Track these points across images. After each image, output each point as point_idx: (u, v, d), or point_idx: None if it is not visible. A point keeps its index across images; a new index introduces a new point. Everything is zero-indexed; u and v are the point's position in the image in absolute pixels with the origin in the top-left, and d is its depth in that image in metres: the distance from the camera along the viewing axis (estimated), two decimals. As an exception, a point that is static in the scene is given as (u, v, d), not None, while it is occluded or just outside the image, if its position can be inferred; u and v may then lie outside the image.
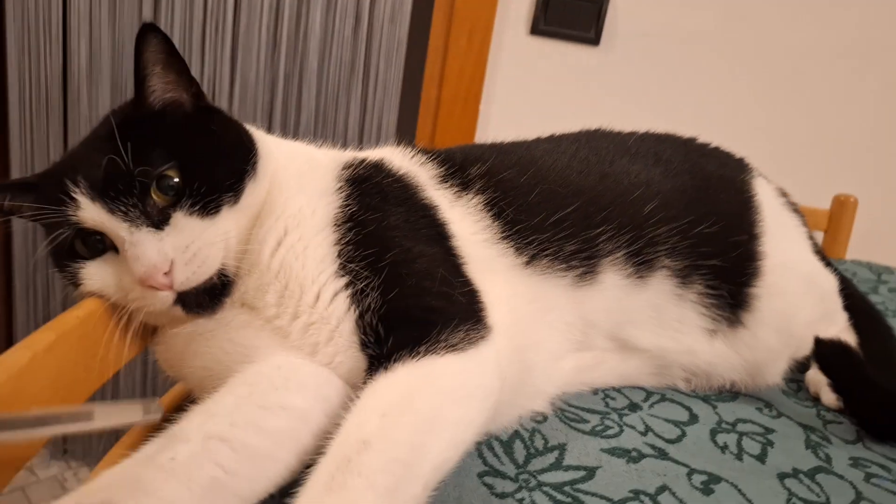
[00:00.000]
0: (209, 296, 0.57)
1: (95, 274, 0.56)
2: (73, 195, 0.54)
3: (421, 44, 1.99)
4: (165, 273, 0.53)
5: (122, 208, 0.53)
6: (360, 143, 2.01)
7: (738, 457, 0.64)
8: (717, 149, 0.93)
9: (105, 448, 2.05)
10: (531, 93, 1.93)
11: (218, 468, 0.45)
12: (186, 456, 0.44)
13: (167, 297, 0.55)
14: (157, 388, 1.94)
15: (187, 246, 0.54)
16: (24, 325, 1.91)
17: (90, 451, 2.06)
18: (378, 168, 0.69)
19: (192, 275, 0.54)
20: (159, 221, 0.54)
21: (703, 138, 0.93)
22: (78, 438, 2.04)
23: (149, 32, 0.56)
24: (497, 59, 1.92)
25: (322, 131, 1.96)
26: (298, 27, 1.83)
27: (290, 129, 1.93)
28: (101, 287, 0.56)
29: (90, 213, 0.54)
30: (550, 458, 0.60)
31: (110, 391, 1.96)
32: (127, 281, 0.55)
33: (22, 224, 1.85)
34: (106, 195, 0.53)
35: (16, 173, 1.82)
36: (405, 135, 2.13)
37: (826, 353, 0.73)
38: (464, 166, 0.73)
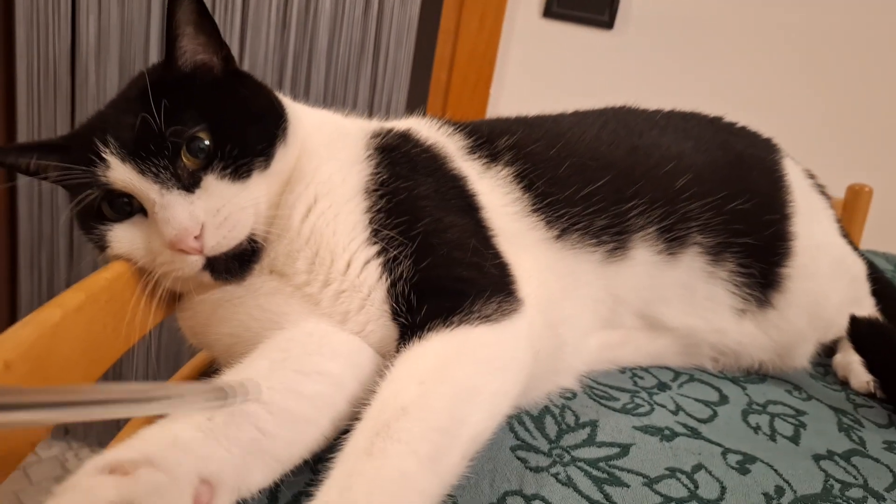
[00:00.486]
0: (238, 261, 0.55)
1: (123, 237, 0.55)
2: (104, 155, 0.52)
3: (432, 25, 1.97)
4: (196, 237, 0.52)
5: (154, 169, 0.52)
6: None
7: (772, 437, 0.63)
8: (744, 128, 0.91)
9: (107, 431, 2.04)
10: (543, 77, 1.91)
11: (257, 430, 0.44)
12: (225, 417, 0.43)
13: (196, 261, 0.53)
14: (161, 367, 1.93)
15: (218, 210, 0.53)
16: (27, 304, 1.90)
17: (91, 431, 2.06)
18: (406, 137, 0.67)
19: (222, 239, 0.53)
20: (190, 184, 0.53)
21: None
22: (81, 418, 2.03)
23: None
24: (509, 41, 1.90)
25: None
26: (308, 6, 1.80)
27: (299, 110, 1.90)
28: (129, 250, 0.55)
29: (120, 173, 0.52)
30: (583, 434, 0.58)
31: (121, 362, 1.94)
32: (156, 244, 0.54)
33: (27, 201, 1.83)
34: (137, 155, 0.52)
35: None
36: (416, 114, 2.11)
37: (861, 331, 0.72)
38: (491, 138, 0.71)
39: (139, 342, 0.58)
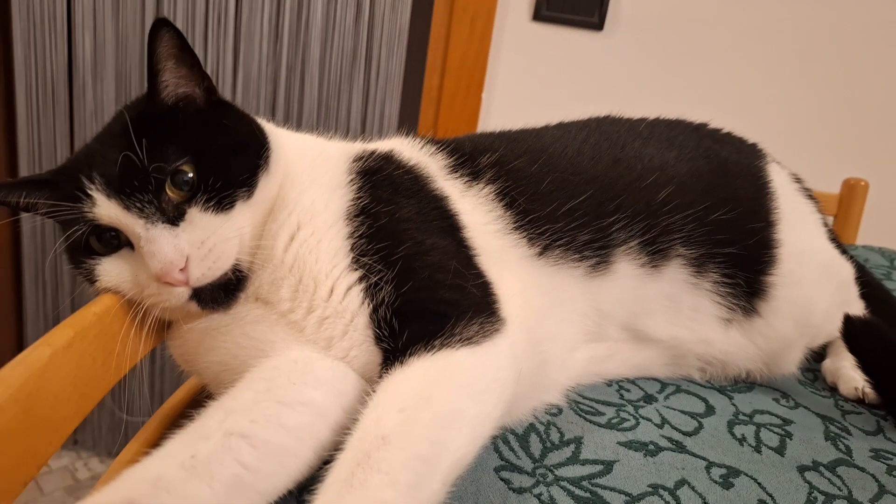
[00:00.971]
0: (224, 291, 0.56)
1: (111, 270, 0.56)
2: (89, 192, 0.53)
3: (422, 32, 1.97)
4: (181, 269, 0.53)
5: (138, 205, 0.53)
6: (363, 134, 2.00)
7: (757, 449, 0.64)
8: (729, 134, 0.92)
9: (115, 440, 2.07)
10: (534, 80, 1.92)
11: (239, 466, 0.45)
12: (207, 453, 0.44)
13: (183, 292, 0.54)
14: (165, 385, 1.95)
15: (203, 242, 0.54)
16: (33, 320, 1.92)
17: (100, 441, 2.08)
18: (388, 159, 0.68)
19: (207, 270, 0.54)
20: (175, 217, 0.54)
21: (711, 124, 0.92)
22: (88, 429, 2.06)
23: (162, 27, 0.55)
24: (499, 46, 1.91)
25: (325, 122, 1.95)
26: (300, 17, 1.82)
27: (294, 120, 1.92)
28: (117, 283, 0.56)
29: (106, 209, 0.53)
30: (567, 451, 0.59)
31: (118, 388, 1.96)
32: (143, 277, 0.55)
33: (31, 220, 1.85)
34: (122, 192, 0.53)
35: (23, 165, 1.83)
36: (407, 125, 2.12)
37: (855, 330, 0.72)
38: (473, 156, 0.72)
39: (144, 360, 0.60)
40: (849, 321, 0.73)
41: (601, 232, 0.69)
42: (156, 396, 1.97)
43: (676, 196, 0.74)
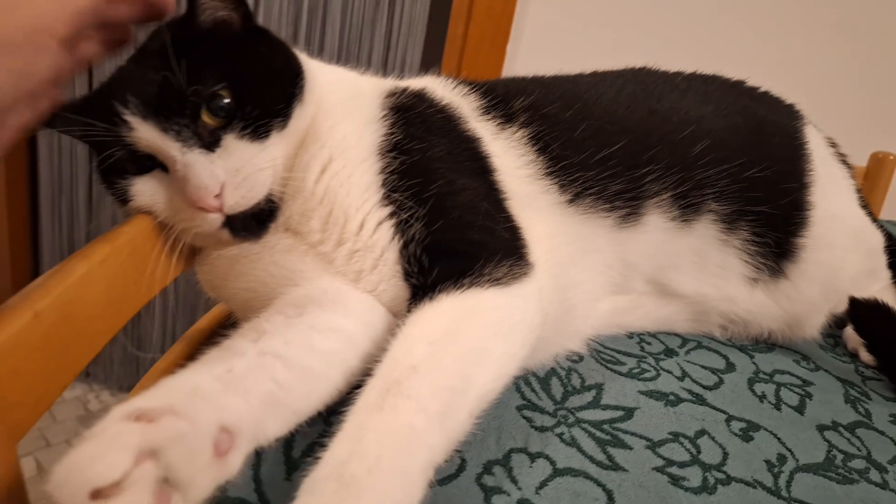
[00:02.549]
0: (256, 220, 0.56)
1: (145, 191, 0.55)
2: (124, 117, 0.52)
3: (449, -23, 1.92)
4: (216, 195, 0.52)
5: (175, 128, 0.52)
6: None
7: (777, 406, 0.64)
8: (766, 93, 0.90)
9: (126, 374, 2.11)
10: (562, 32, 1.86)
11: (273, 383, 0.45)
12: (243, 369, 0.44)
13: (216, 219, 0.54)
14: (178, 324, 1.97)
15: (238, 170, 0.53)
16: (49, 251, 1.94)
17: (112, 375, 2.12)
18: (421, 97, 0.67)
19: (241, 199, 0.54)
20: (211, 143, 0.53)
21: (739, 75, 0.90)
22: (100, 363, 2.10)
23: None
24: (527, -7, 1.85)
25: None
26: (324, -43, 1.77)
27: (314, 64, 1.89)
28: (151, 203, 0.56)
29: (142, 133, 0.52)
30: (588, 396, 0.60)
31: (131, 324, 1.99)
32: (177, 200, 0.54)
33: (47, 149, 1.85)
34: (159, 114, 0.52)
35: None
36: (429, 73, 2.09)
37: (861, 313, 0.72)
38: (506, 98, 0.70)
39: (159, 293, 0.60)
40: (854, 304, 0.73)
41: (633, 182, 0.68)
42: (168, 334, 2.00)
43: (712, 151, 0.72)
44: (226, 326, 0.67)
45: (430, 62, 2.04)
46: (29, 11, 0.45)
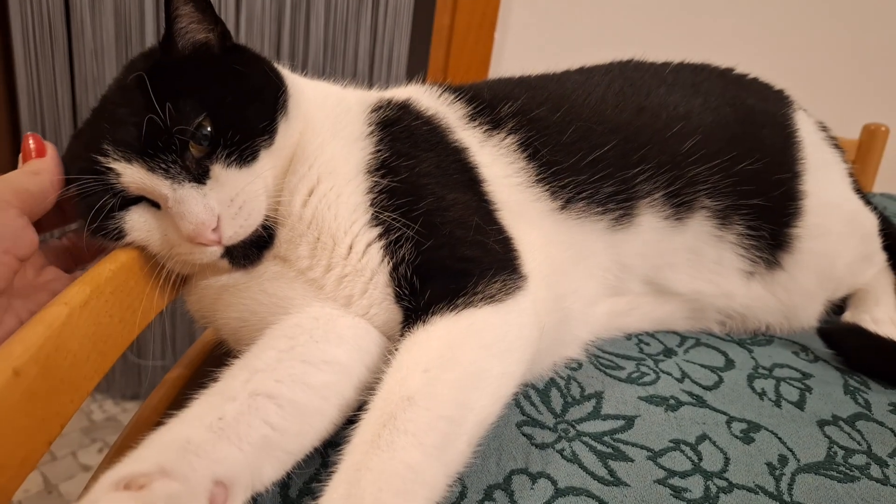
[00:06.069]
0: (255, 247, 0.55)
1: (139, 227, 0.54)
2: (109, 164, 0.51)
3: (433, -34, 1.89)
4: (213, 229, 0.51)
5: (163, 165, 0.51)
6: (371, 74, 1.94)
7: (777, 403, 0.63)
8: (756, 80, 0.88)
9: (128, 383, 2.10)
10: (549, 19, 1.84)
11: (267, 426, 0.44)
12: (234, 415, 0.44)
13: (215, 251, 0.53)
14: (177, 330, 1.96)
15: (232, 199, 0.53)
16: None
17: (114, 384, 2.12)
18: (406, 109, 0.65)
19: (239, 228, 0.53)
20: (199, 175, 0.52)
21: (728, 63, 0.88)
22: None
23: None
24: (513, -20, 1.82)
25: (331, 63, 1.89)
26: (304, -49, 1.73)
27: (299, 61, 1.86)
28: (146, 238, 0.55)
29: (130, 176, 0.51)
30: (588, 406, 0.59)
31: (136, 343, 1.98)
32: (172, 235, 0.53)
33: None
34: (144, 154, 0.51)
35: (24, 106, 1.79)
36: (417, 65, 2.06)
37: (835, 338, 0.74)
38: (493, 104, 0.69)
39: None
40: (823, 333, 0.75)
41: (625, 183, 0.67)
42: (168, 341, 1.99)
43: (702, 146, 0.71)
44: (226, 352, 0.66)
45: (418, 53, 2.01)
46: None
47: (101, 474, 0.58)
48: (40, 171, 0.53)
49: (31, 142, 0.55)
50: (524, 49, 1.87)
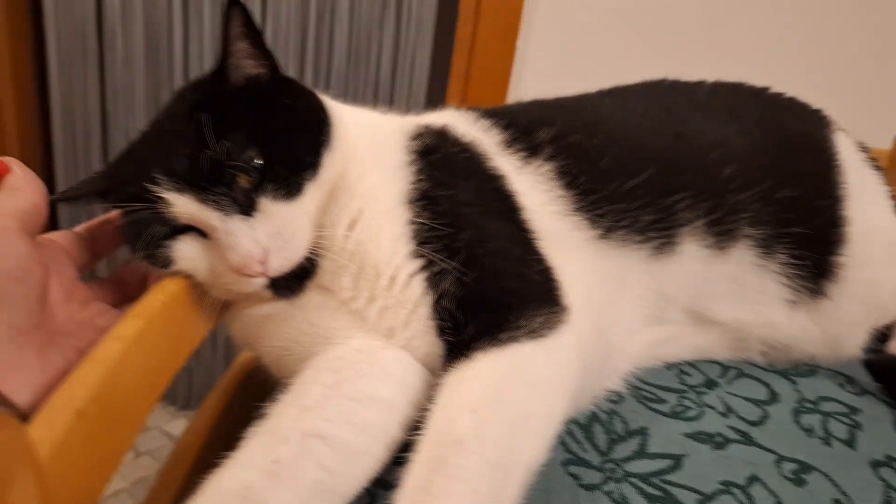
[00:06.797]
0: (298, 278, 0.55)
1: (188, 256, 0.55)
2: (161, 195, 0.51)
3: (456, -24, 1.89)
4: (260, 261, 0.51)
5: (213, 198, 0.51)
6: (393, 83, 1.95)
7: (826, 441, 0.62)
8: (793, 100, 0.86)
9: (192, 394, 2.10)
10: (572, 29, 1.83)
11: (320, 469, 0.44)
12: (288, 457, 0.44)
13: (261, 282, 0.54)
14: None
15: (279, 232, 0.53)
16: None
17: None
18: (444, 137, 0.65)
19: (284, 261, 0.53)
20: (247, 207, 0.52)
21: (757, 73, 0.86)
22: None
23: (233, 6, 0.53)
24: (537, -12, 1.82)
25: (354, 72, 1.90)
26: (329, -39, 1.74)
27: (323, 70, 1.87)
28: (194, 267, 0.55)
29: (181, 207, 0.52)
30: (633, 444, 0.58)
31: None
32: (219, 265, 0.54)
33: (63, 163, 1.84)
34: (195, 186, 0.51)
35: (56, 114, 1.82)
36: (439, 74, 2.05)
37: (883, 371, 0.73)
38: (529, 130, 0.69)
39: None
40: (870, 365, 0.73)
41: (665, 211, 0.66)
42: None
43: (741, 173, 0.70)
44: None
45: (440, 62, 2.01)
46: None
47: (158, 486, 0.59)
48: (19, 186, 0.50)
49: None
50: (546, 59, 1.86)
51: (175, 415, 2.14)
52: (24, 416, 0.40)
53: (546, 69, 1.91)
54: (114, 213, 0.61)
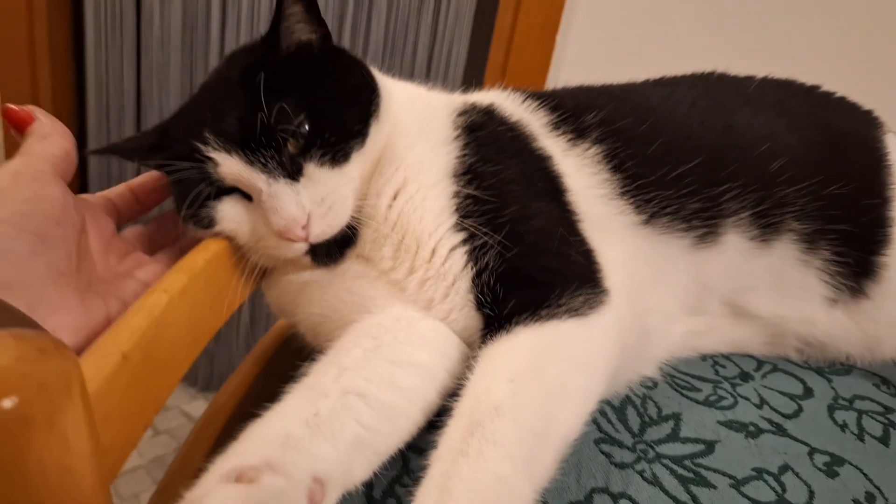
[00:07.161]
0: (339, 246, 0.56)
1: (230, 217, 0.56)
2: (209, 154, 0.52)
3: (497, -34, 1.88)
4: (303, 226, 0.52)
5: (262, 160, 0.52)
6: (428, 73, 1.95)
7: (860, 437, 0.61)
8: (843, 99, 0.85)
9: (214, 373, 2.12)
10: (613, 24, 1.81)
11: (359, 425, 0.45)
12: (328, 412, 0.44)
13: (301, 247, 0.54)
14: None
15: (323, 199, 0.53)
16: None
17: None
18: (491, 115, 0.65)
19: (327, 228, 0.54)
20: (294, 172, 0.53)
21: (799, 67, 0.85)
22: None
23: None
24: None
25: (389, 61, 1.90)
26: (368, -50, 1.75)
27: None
28: (235, 229, 0.56)
29: (229, 167, 0.53)
30: (666, 428, 0.58)
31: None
32: (261, 228, 0.55)
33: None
34: (244, 147, 0.52)
35: (91, 91, 1.85)
36: (475, 65, 2.05)
37: None
38: (577, 113, 0.68)
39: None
40: None
41: (711, 201, 0.66)
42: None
43: (789, 168, 0.69)
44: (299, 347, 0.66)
45: (477, 53, 2.01)
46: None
47: (179, 463, 0.60)
48: (48, 133, 0.50)
49: (12, 113, 0.50)
50: (585, 54, 1.85)
51: (195, 396, 2.17)
52: None
53: (584, 64, 1.89)
54: (156, 173, 0.62)
